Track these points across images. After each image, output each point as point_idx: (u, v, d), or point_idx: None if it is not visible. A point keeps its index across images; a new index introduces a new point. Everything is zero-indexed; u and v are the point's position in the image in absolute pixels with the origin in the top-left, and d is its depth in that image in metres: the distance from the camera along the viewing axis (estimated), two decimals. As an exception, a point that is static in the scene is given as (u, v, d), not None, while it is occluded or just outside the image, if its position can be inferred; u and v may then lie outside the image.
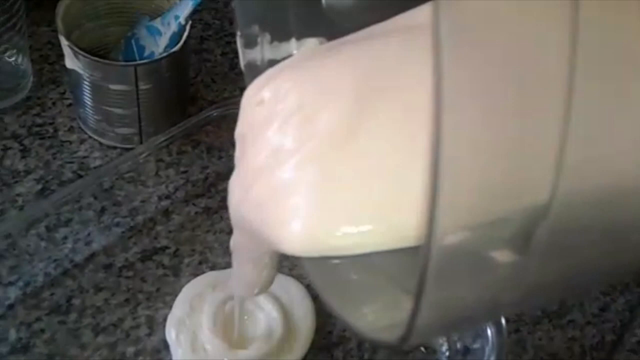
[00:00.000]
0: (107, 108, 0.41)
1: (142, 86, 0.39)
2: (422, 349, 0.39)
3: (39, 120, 0.44)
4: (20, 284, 0.37)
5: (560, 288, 0.18)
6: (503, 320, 0.35)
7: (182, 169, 0.43)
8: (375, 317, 0.19)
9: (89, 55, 0.38)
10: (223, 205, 0.43)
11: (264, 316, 0.37)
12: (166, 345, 0.36)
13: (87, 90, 0.40)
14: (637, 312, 0.43)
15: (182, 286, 0.38)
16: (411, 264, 0.14)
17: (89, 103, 0.41)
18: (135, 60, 0.42)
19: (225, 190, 0.43)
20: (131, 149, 0.41)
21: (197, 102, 0.47)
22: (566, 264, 0.16)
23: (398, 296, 0.16)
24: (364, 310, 0.19)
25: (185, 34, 0.40)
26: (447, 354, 0.38)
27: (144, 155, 0.39)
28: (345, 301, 0.20)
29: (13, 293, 0.37)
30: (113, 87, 0.39)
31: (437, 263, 0.14)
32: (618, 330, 0.42)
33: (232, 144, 0.26)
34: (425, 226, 0.13)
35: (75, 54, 0.38)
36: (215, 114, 0.41)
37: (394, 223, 0.20)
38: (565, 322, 0.42)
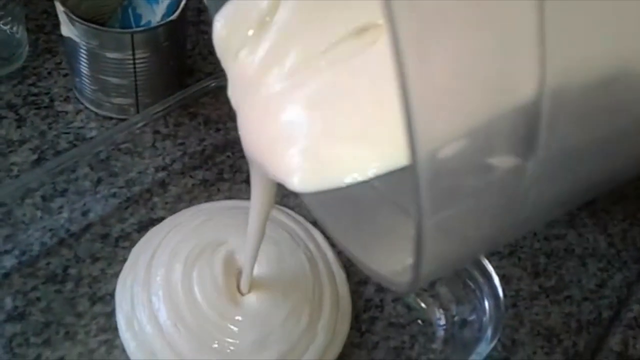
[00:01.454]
0: (104, 77, 0.40)
1: (139, 54, 0.39)
2: (420, 321, 0.39)
3: (34, 90, 0.44)
4: (16, 252, 0.37)
5: (567, 193, 0.18)
6: (501, 294, 0.35)
7: (179, 140, 0.43)
8: (386, 255, 0.18)
9: (85, 22, 0.37)
10: (220, 177, 0.43)
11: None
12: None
13: (83, 59, 0.40)
14: (634, 288, 0.43)
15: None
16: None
17: (85, 72, 0.41)
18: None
19: (222, 163, 0.43)
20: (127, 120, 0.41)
21: (194, 74, 0.47)
22: (570, 166, 0.16)
23: (405, 229, 0.16)
24: (375, 248, 0.19)
25: (183, 2, 0.40)
26: (445, 326, 0.38)
27: (139, 125, 0.38)
28: (357, 241, 0.19)
29: (9, 262, 0.37)
30: (109, 55, 0.38)
31: (430, 177, 0.13)
32: (615, 307, 0.42)
33: (230, 117, 0.26)
34: (407, 141, 0.13)
35: (71, 20, 0.38)
36: (212, 85, 0.40)
37: (388, 143, 0.19)
38: (562, 297, 0.42)
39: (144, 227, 0.39)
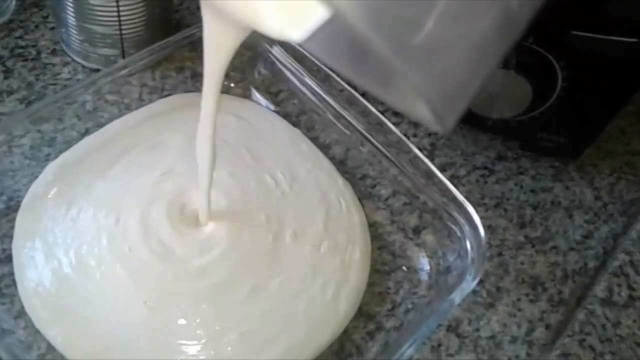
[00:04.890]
0: (89, 26, 0.40)
1: (123, 2, 0.39)
2: (404, 268, 0.39)
3: (21, 43, 0.44)
4: (4, 198, 0.37)
5: None
6: (482, 232, 0.35)
7: (165, 93, 0.43)
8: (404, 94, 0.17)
9: (68, -32, 0.38)
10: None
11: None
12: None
13: (68, 7, 0.40)
14: (620, 240, 0.43)
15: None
16: None
17: (71, 22, 0.41)
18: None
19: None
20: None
21: (181, 28, 0.46)
22: None
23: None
24: (395, 87, 0.17)
25: (168, -50, 0.40)
26: (429, 272, 0.39)
27: (123, 72, 0.38)
28: (377, 81, 0.17)
29: (-4, 207, 0.37)
30: (93, 1, 0.38)
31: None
32: (601, 257, 0.42)
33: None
34: None
35: (55, -33, 0.38)
36: (198, 33, 0.40)
37: None
38: (548, 248, 0.42)
39: (130, 175, 0.39)
